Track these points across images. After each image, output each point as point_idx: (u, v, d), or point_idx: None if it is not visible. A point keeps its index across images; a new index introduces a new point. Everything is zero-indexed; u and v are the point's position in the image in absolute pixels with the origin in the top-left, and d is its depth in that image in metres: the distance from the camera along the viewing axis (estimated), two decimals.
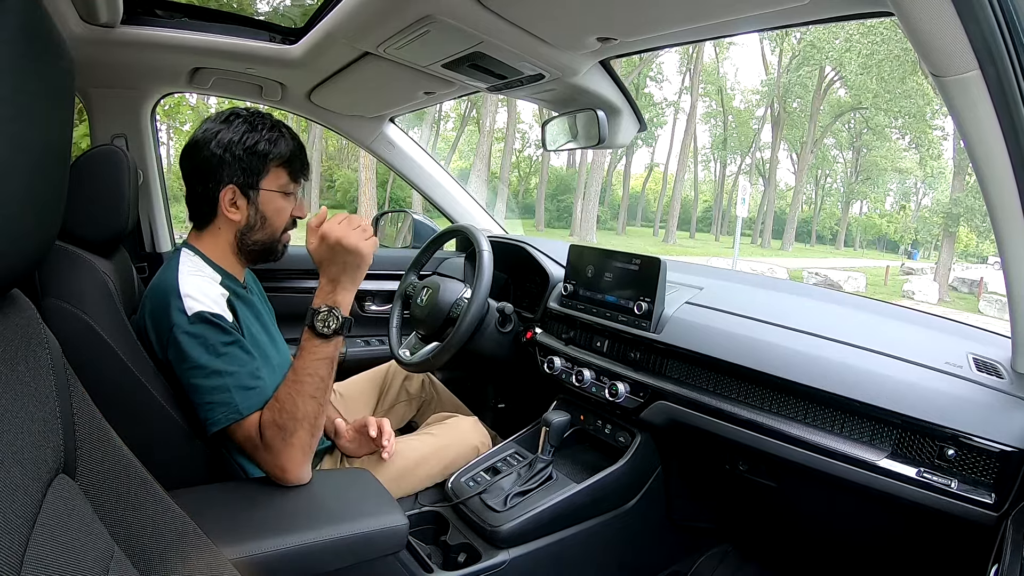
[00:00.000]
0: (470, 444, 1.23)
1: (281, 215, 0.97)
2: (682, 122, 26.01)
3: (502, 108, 20.85)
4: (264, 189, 0.94)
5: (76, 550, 0.37)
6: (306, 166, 0.99)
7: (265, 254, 1.00)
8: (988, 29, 0.52)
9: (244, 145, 0.91)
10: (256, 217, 0.95)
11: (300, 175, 0.98)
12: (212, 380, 0.83)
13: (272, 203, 0.96)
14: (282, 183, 0.96)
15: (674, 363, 1.08)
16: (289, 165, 0.96)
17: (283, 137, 0.95)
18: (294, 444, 0.82)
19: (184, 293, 0.85)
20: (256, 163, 0.92)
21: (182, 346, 0.84)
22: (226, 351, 0.85)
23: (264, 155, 0.93)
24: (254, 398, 0.85)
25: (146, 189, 1.48)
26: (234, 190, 0.92)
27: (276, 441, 0.82)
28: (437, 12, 0.86)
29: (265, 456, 0.83)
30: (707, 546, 1.34)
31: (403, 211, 2.11)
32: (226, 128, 0.92)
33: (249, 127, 0.92)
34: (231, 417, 0.83)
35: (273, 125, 0.95)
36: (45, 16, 0.36)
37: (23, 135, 0.34)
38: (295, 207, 1.00)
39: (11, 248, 0.35)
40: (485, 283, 1.25)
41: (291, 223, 1.01)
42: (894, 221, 31.94)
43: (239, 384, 0.84)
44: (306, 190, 9.54)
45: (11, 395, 0.37)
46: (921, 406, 0.78)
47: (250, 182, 0.93)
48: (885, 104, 19.71)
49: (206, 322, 0.84)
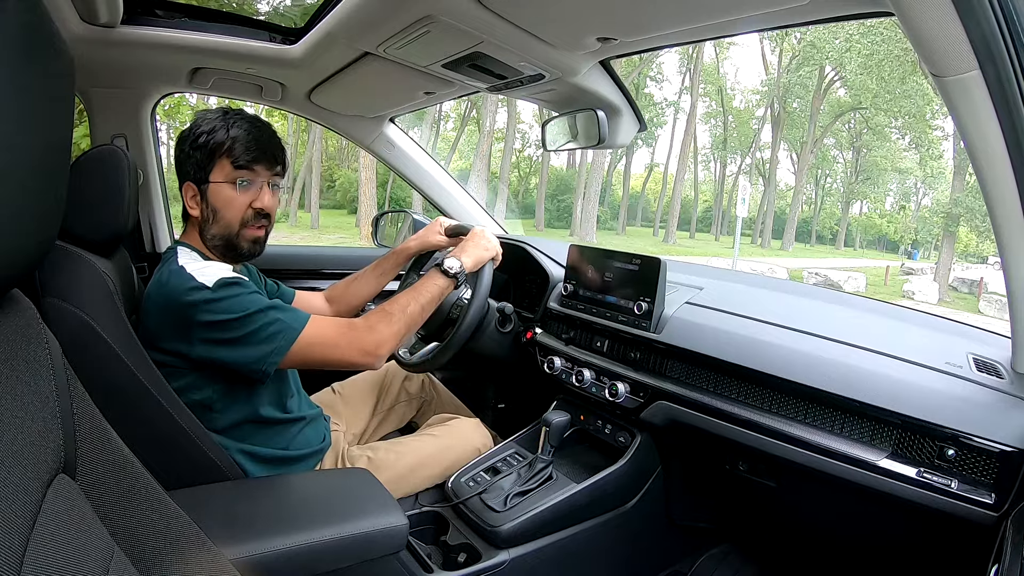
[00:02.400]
0: (472, 445, 1.23)
1: (231, 207, 0.95)
2: (682, 122, 26.01)
3: (502, 108, 20.85)
4: (212, 181, 0.95)
5: (76, 550, 0.37)
6: (257, 153, 0.94)
7: (228, 250, 0.97)
8: (988, 29, 0.52)
9: (191, 141, 0.94)
10: (208, 211, 0.96)
11: (250, 163, 0.94)
12: (257, 320, 0.86)
13: (220, 195, 0.95)
14: (227, 173, 0.94)
15: (674, 363, 1.08)
16: (232, 153, 0.93)
17: (229, 126, 0.93)
18: (393, 329, 0.95)
19: (196, 272, 0.88)
20: (202, 157, 0.94)
21: (214, 314, 0.85)
22: (256, 298, 0.88)
23: (205, 147, 0.93)
24: (299, 316, 0.89)
25: (146, 189, 1.48)
26: (192, 187, 0.95)
27: (381, 324, 0.94)
28: (437, 12, 0.86)
29: (355, 337, 0.91)
30: (707, 546, 1.34)
31: (403, 211, 2.10)
32: (186, 128, 0.96)
33: (198, 122, 0.95)
34: (290, 336, 0.87)
35: (223, 115, 0.95)
36: (45, 16, 0.36)
37: (23, 135, 0.34)
38: (256, 199, 0.96)
39: (11, 248, 0.35)
40: (485, 283, 1.25)
41: (252, 215, 0.97)
42: (894, 221, 31.96)
43: (281, 309, 0.88)
44: (306, 190, 9.58)
45: (11, 395, 0.37)
46: (921, 406, 0.78)
47: (199, 176, 0.95)
48: (885, 104, 19.70)
49: (229, 284, 0.87)
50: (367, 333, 0.93)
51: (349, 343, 0.91)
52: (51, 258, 0.80)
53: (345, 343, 0.91)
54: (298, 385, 1.11)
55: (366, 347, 0.92)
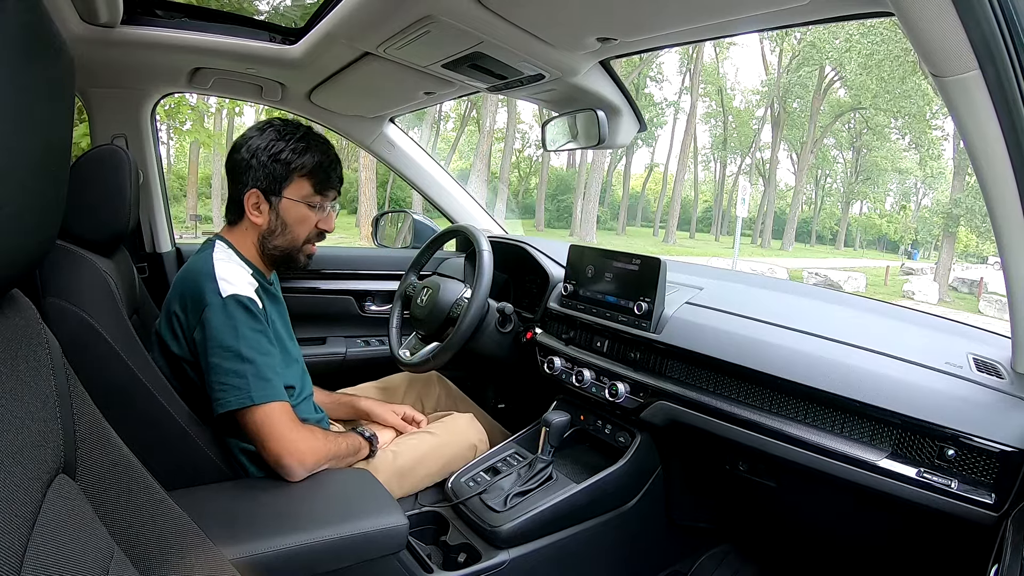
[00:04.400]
0: (468, 442, 1.23)
1: (303, 224, 1.00)
2: (682, 122, 26.02)
3: (502, 108, 20.86)
4: (286, 197, 0.98)
5: (76, 550, 0.37)
6: (334, 180, 1.01)
7: (286, 261, 1.03)
8: (988, 29, 0.52)
9: (269, 152, 0.96)
10: (277, 223, 0.99)
11: (327, 188, 1.01)
12: (233, 363, 0.86)
13: (294, 211, 0.99)
14: (305, 193, 0.99)
15: (674, 363, 1.08)
16: (313, 177, 0.98)
17: (311, 149, 0.98)
18: (327, 452, 0.92)
19: (219, 276, 0.90)
20: (279, 171, 0.96)
21: (212, 324, 0.87)
22: (252, 336, 0.88)
23: (287, 164, 0.96)
24: (268, 389, 0.88)
25: (146, 189, 1.48)
26: (257, 194, 0.97)
27: (318, 444, 0.91)
28: (437, 12, 0.86)
29: (297, 442, 0.88)
30: (707, 546, 1.34)
31: (403, 211, 2.10)
32: (258, 135, 0.97)
33: (277, 135, 0.97)
34: (242, 402, 0.86)
35: (304, 136, 0.98)
36: (45, 16, 0.35)
37: (23, 135, 0.34)
38: (322, 220, 1.02)
39: (11, 247, 0.35)
40: (485, 283, 1.25)
41: (316, 234, 1.03)
42: (894, 221, 31.96)
43: (257, 373, 0.87)
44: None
45: (11, 395, 0.37)
46: (921, 406, 0.78)
47: (272, 188, 0.97)
48: (885, 104, 19.70)
49: (239, 304, 0.88)
50: (310, 438, 0.91)
51: (270, 448, 0.87)
52: (51, 258, 0.80)
53: (267, 447, 0.87)
54: (306, 389, 1.10)
55: (302, 456, 0.88)
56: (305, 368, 1.11)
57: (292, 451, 0.87)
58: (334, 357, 1.63)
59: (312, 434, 0.92)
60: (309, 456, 0.89)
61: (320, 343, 1.65)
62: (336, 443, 0.96)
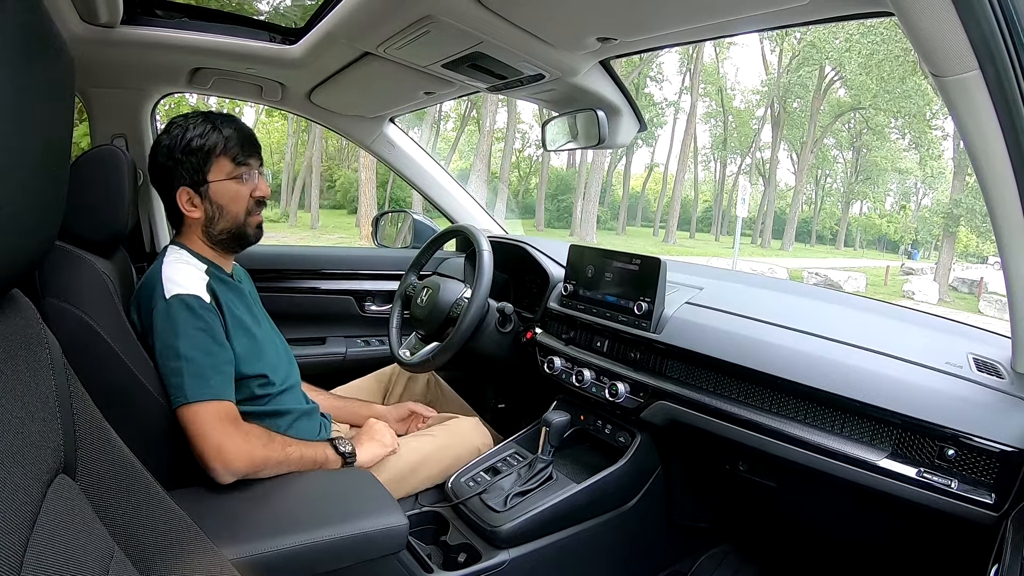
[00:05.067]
0: (471, 445, 1.23)
1: (238, 201, 1.01)
2: (682, 122, 26.00)
3: (502, 108, 20.84)
4: (212, 181, 0.98)
5: (76, 550, 0.37)
6: (249, 145, 1.01)
7: (237, 240, 1.03)
8: (988, 29, 0.52)
9: (181, 147, 0.96)
10: (213, 209, 0.99)
11: (248, 157, 1.00)
12: (172, 361, 0.87)
13: (224, 191, 0.99)
14: (228, 170, 0.99)
15: (674, 363, 1.08)
16: (229, 152, 0.98)
17: (217, 127, 0.98)
18: (263, 454, 0.88)
19: (165, 278, 0.91)
20: (197, 160, 0.97)
21: (156, 327, 0.88)
22: (193, 335, 0.88)
23: (200, 149, 0.97)
24: (203, 388, 0.86)
25: (146, 189, 1.48)
26: (187, 191, 0.98)
27: (257, 441, 0.88)
28: (437, 12, 0.86)
29: (199, 444, 0.85)
30: (707, 546, 1.34)
31: (403, 211, 2.10)
32: (166, 137, 0.98)
33: (182, 130, 0.97)
34: (176, 400, 0.86)
35: (206, 118, 0.99)
36: (45, 16, 0.35)
37: (23, 135, 0.34)
38: (255, 188, 1.02)
39: (11, 248, 0.35)
40: (485, 283, 1.25)
41: (254, 204, 1.03)
42: (894, 221, 31.94)
43: (193, 371, 0.87)
44: (306, 190, 9.61)
45: (11, 395, 0.37)
46: (921, 406, 0.78)
47: (198, 179, 0.97)
48: (885, 104, 19.69)
49: (181, 304, 0.89)
50: (241, 442, 0.86)
51: (213, 446, 0.84)
52: (51, 258, 0.80)
53: (212, 443, 0.84)
54: (289, 379, 1.07)
55: (227, 460, 0.84)
56: (291, 356, 1.10)
57: (216, 454, 0.83)
58: (334, 357, 1.63)
59: (247, 437, 0.87)
60: (237, 461, 0.85)
61: (320, 343, 1.65)
62: (284, 451, 0.91)
